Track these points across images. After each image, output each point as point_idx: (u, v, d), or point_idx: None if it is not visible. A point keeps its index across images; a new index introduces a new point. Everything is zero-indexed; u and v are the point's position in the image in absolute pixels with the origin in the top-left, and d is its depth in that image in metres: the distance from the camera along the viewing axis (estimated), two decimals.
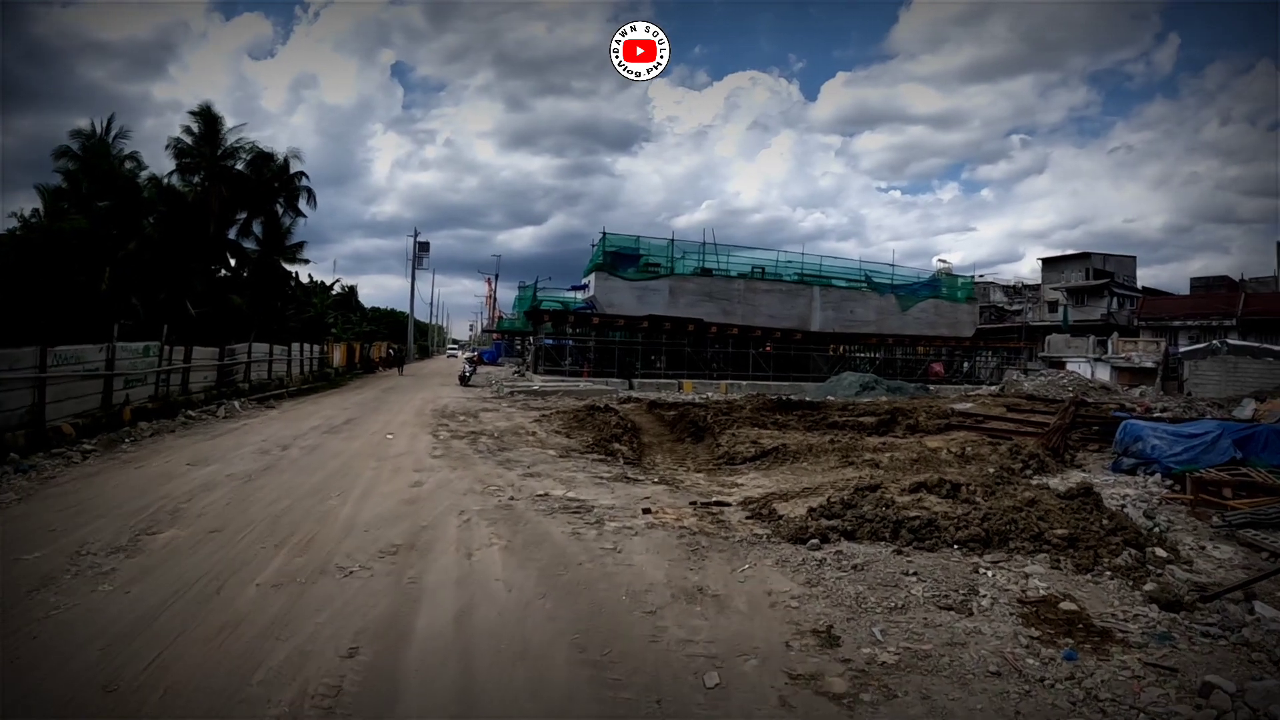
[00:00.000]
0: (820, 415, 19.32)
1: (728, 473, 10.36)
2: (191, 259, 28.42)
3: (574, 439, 13.79)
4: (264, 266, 33.07)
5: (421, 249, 76.04)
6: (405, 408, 20.52)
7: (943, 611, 5.28)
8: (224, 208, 30.37)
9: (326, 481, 9.51)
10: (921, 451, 13.16)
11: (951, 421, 19.16)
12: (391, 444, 13.11)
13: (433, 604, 5.18)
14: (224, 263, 32.24)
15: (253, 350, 25.48)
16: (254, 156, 32.20)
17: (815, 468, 10.44)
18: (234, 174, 31.26)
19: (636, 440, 13.24)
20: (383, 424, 16.34)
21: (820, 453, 11.49)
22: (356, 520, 7.46)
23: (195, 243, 28.65)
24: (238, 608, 5.17)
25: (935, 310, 43.15)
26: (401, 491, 8.83)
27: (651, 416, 17.83)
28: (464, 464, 10.85)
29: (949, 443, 15.70)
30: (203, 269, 29.69)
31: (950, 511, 7.85)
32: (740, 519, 7.62)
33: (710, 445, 12.74)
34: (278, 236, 33.66)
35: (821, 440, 12.92)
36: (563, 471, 10.31)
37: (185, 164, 30.09)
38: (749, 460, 10.93)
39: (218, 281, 31.01)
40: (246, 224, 32.49)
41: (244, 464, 10.84)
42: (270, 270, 33.61)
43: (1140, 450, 13.93)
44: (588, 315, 35.33)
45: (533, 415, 18.28)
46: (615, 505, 8.03)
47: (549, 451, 12.23)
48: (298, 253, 34.88)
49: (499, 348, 73.56)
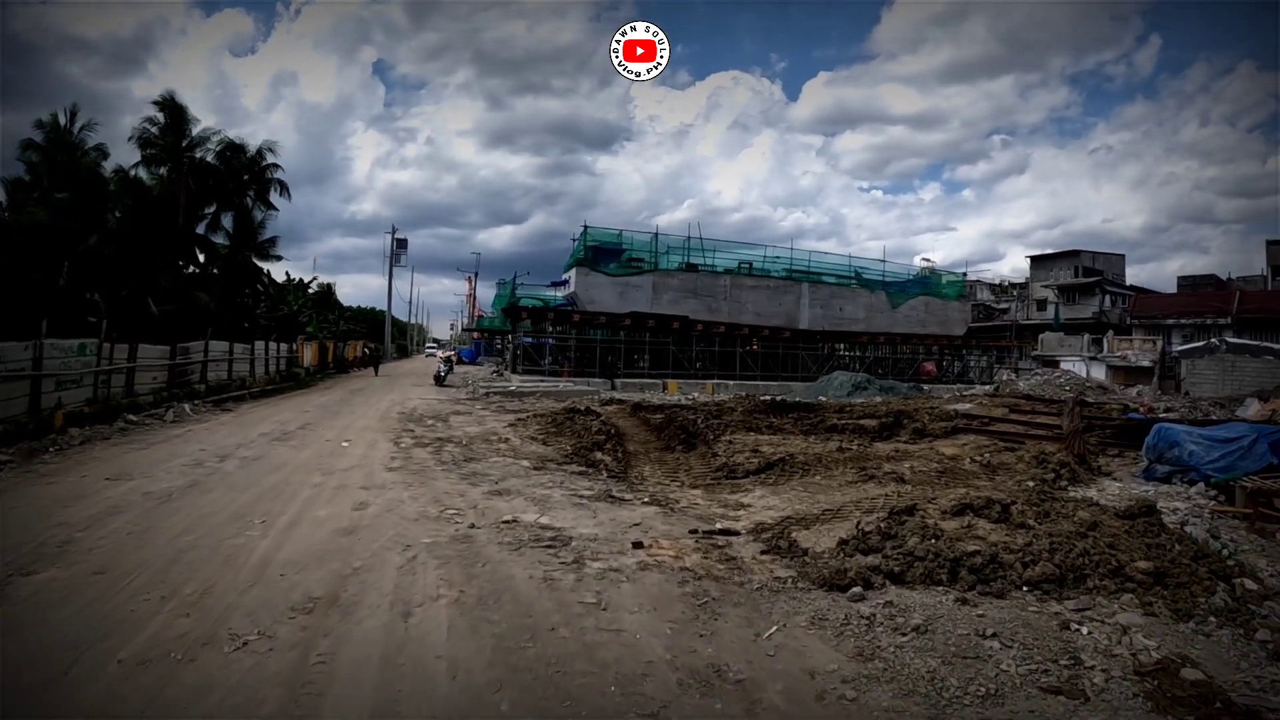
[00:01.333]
0: (817, 418, 17.94)
1: (729, 489, 8.90)
2: (157, 254, 27.08)
3: (551, 447, 12.29)
4: (234, 262, 31.68)
5: (399, 246, 74.70)
6: (370, 411, 18.93)
7: (1049, 696, 3.88)
8: (191, 201, 29.12)
9: (254, 503, 7.96)
10: (942, 461, 11.79)
11: (958, 424, 17.84)
12: (345, 453, 11.57)
13: (340, 703, 3.67)
14: (192, 258, 30.89)
15: (210, 349, 23.68)
16: (223, 148, 30.90)
17: (831, 482, 9.00)
18: (201, 165, 29.93)
19: (621, 448, 11.75)
20: (341, 429, 14.77)
21: (832, 463, 10.07)
22: (274, 559, 5.93)
23: (161, 237, 27.29)
24: (83, 698, 3.72)
25: (926, 308, 41.96)
26: (339, 517, 7.29)
27: (636, 421, 16.35)
28: (422, 479, 9.31)
29: (963, 448, 14.42)
30: (169, 264, 28.34)
31: (1009, 541, 6.47)
32: (754, 554, 6.16)
33: (705, 454, 11.26)
34: (249, 232, 32.29)
35: (829, 449, 11.52)
36: (537, 488, 8.81)
37: (150, 155, 28.84)
38: (752, 473, 9.47)
39: (185, 278, 29.66)
40: (216, 218, 31.14)
41: (169, 479, 9.32)
42: (240, 267, 32.24)
43: (1176, 457, 12.80)
44: (568, 312, 33.75)
45: (507, 419, 16.76)
46: (598, 536, 6.54)
47: (522, 462, 10.71)
48: (270, 249, 33.56)
49: (478, 347, 71.81)
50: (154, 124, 29.15)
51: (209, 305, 28.33)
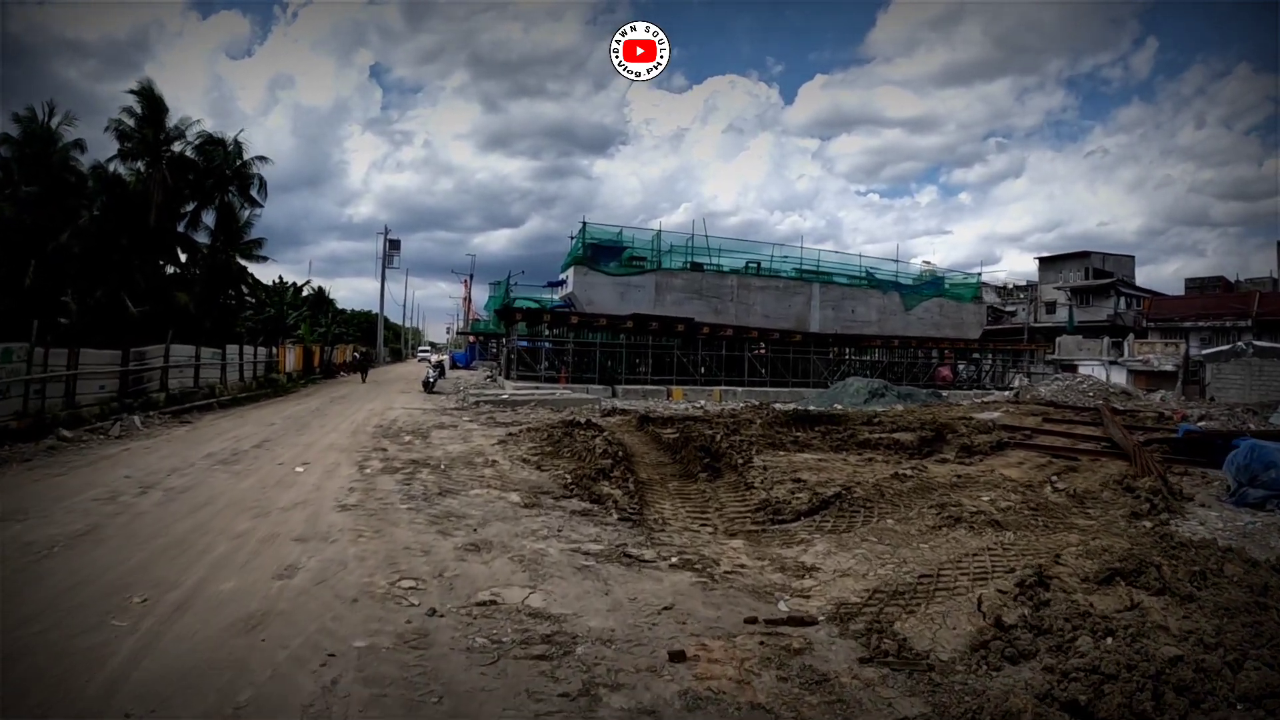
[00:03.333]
0: (846, 431, 15.93)
1: (779, 538, 6.83)
2: (134, 252, 25.47)
3: (547, 472, 10.24)
4: (217, 262, 29.85)
5: (392, 246, 72.70)
6: (343, 423, 16.88)
7: None
8: (169, 197, 27.26)
9: (148, 565, 5.92)
10: (1016, 488, 9.78)
11: (1003, 438, 15.78)
12: (295, 483, 9.50)
13: None
14: (173, 257, 29.23)
15: (174, 353, 21.59)
16: (203, 141, 29.21)
17: (907, 528, 6.96)
18: (180, 160, 28.19)
19: (632, 475, 9.66)
20: (303, 448, 12.73)
21: (897, 498, 8.04)
22: (128, 679, 3.89)
23: (138, 235, 25.63)
24: None
25: (940, 310, 39.87)
26: (250, 593, 5.22)
27: (645, 437, 14.29)
28: (379, 524, 7.24)
29: (1020, 468, 12.47)
30: (146, 263, 26.59)
31: (1191, 625, 4.55)
32: (849, 663, 4.11)
33: (736, 483, 9.18)
34: (233, 230, 30.47)
35: (884, 475, 9.50)
36: (527, 538, 6.75)
37: (127, 149, 27.14)
38: (804, 514, 7.42)
39: (165, 278, 27.98)
40: (196, 215, 29.48)
41: (64, 522, 7.38)
42: (224, 266, 30.38)
43: (1276, 480, 10.82)
44: (565, 314, 31.61)
45: (497, 434, 14.69)
46: (615, 634, 4.47)
47: (510, 496, 8.65)
48: (255, 248, 31.75)
49: (473, 350, 69.65)
50: (131, 115, 27.50)
51: (188, 306, 26.66)
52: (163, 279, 27.90)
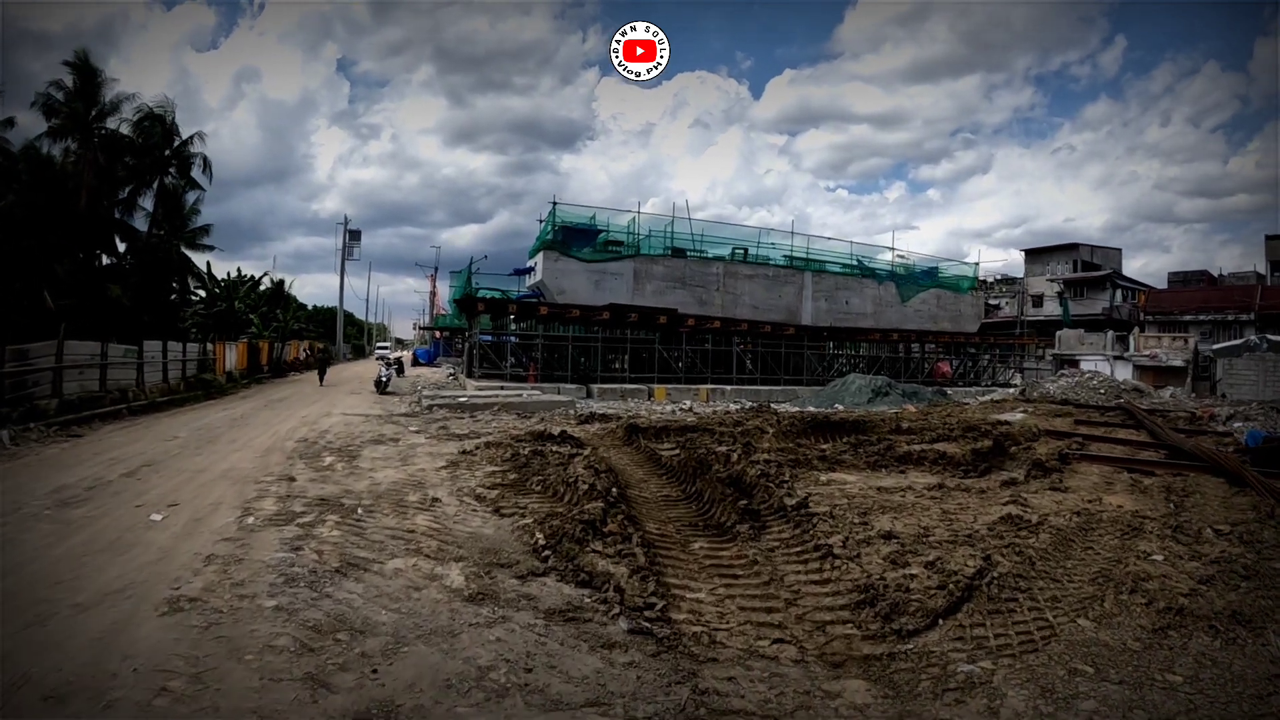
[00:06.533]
0: (880, 443, 13.06)
1: (925, 671, 3.83)
2: (57, 239, 22.44)
3: (508, 518, 7.17)
4: (158, 252, 27.06)
5: (353, 238, 69.33)
6: (262, 436, 13.65)
7: None
8: (101, 178, 24.40)
9: None
10: (1183, 540, 6.92)
11: (1061, 449, 13.01)
12: (137, 542, 6.34)
13: None
14: (109, 246, 26.45)
15: (72, 350, 18.04)
16: (141, 117, 26.11)
17: (1114, 634, 4.03)
18: (114, 138, 25.27)
19: (635, 528, 6.60)
20: (188, 476, 9.53)
21: (1045, 565, 5.12)
22: None
23: (63, 220, 22.68)
24: None
25: (937, 302, 37.24)
26: None
27: (638, 455, 11.21)
28: (213, 649, 4.11)
29: (1112, 489, 9.74)
30: (71, 252, 23.58)
31: None
32: None
33: (794, 539, 6.15)
34: (176, 218, 27.79)
35: (1003, 522, 6.59)
36: (473, 692, 3.73)
37: (55, 126, 24.21)
38: (941, 614, 4.40)
39: (94, 269, 25.24)
40: (132, 199, 26.63)
41: None
42: (164, 256, 27.52)
43: None
44: (533, 304, 28.32)
45: (448, 452, 11.56)
46: None
47: (450, 574, 5.56)
48: (200, 237, 29.15)
49: (438, 346, 66.07)
50: (60, 88, 24.38)
51: (121, 299, 23.79)
52: (92, 269, 24.98)
